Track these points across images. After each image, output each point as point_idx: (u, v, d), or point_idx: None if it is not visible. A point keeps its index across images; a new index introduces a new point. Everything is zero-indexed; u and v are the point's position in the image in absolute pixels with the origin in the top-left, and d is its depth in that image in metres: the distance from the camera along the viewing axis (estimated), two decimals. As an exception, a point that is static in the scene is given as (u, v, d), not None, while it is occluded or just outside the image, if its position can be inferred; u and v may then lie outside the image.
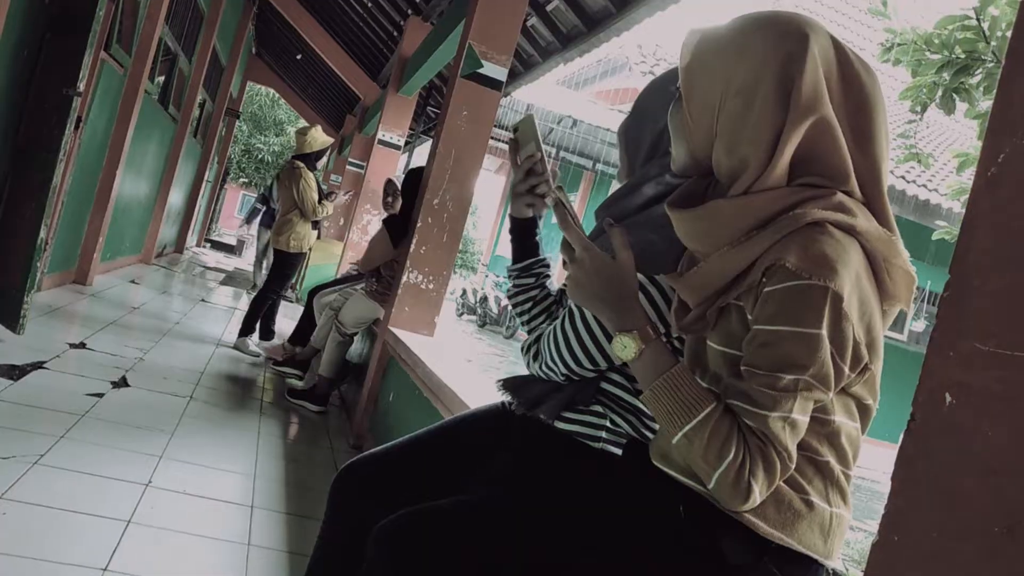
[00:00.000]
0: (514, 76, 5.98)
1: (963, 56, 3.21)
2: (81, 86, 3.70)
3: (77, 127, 5.11)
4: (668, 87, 1.24)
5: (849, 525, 0.96)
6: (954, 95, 3.40)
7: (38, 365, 3.43)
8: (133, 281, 7.22)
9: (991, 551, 0.62)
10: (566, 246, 1.04)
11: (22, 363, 3.38)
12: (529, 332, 1.45)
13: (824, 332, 0.84)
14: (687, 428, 0.89)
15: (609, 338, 1.14)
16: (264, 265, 8.15)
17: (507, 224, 1.52)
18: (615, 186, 1.41)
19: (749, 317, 0.91)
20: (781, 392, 0.85)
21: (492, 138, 13.71)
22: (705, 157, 1.00)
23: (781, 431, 0.86)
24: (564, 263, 1.06)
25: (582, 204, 15.24)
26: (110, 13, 5.05)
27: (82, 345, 4.07)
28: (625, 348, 0.96)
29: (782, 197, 0.91)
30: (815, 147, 0.92)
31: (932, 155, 5.41)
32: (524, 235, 1.47)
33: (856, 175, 0.94)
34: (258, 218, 9.83)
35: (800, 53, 0.92)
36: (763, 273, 0.88)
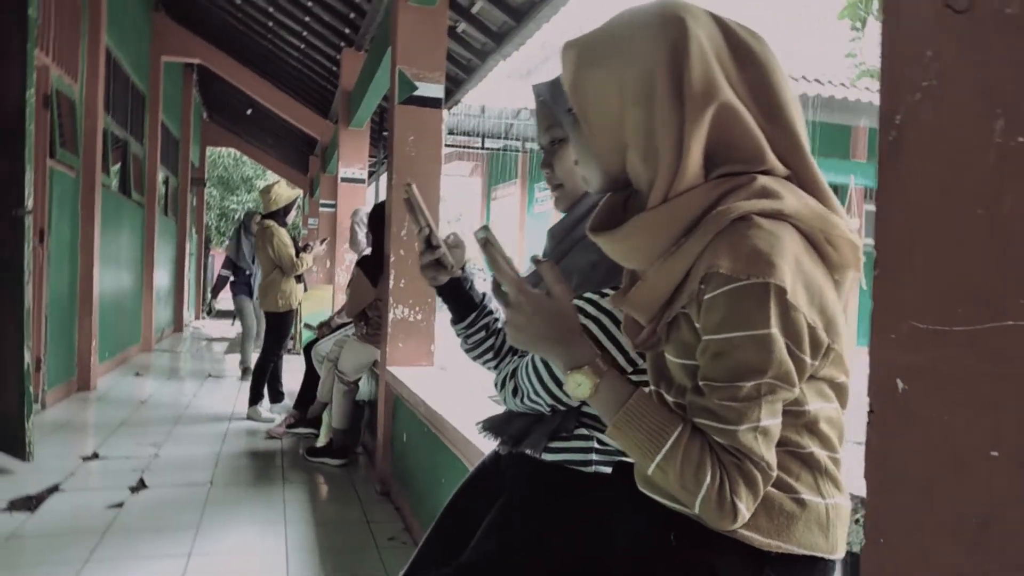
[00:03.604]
0: (458, 84, 5.93)
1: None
2: (30, 203, 3.67)
3: (42, 240, 5.10)
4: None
5: (849, 511, 0.93)
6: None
7: (54, 489, 3.41)
8: (137, 373, 7.20)
9: (971, 545, 0.58)
10: (498, 289, 1.00)
11: (37, 491, 3.35)
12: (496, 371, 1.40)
13: (775, 330, 0.80)
14: (659, 459, 0.85)
15: None
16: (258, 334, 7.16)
17: (495, 223, 1.46)
18: None
19: (697, 326, 0.87)
20: (744, 402, 0.81)
21: (454, 146, 13.59)
22: (619, 172, 0.95)
23: (754, 442, 0.82)
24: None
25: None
26: (45, 121, 5.02)
27: (95, 456, 4.05)
28: (580, 386, 0.92)
29: (702, 195, 0.87)
30: (723, 135, 0.88)
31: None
32: (454, 295, 1.41)
33: (773, 149, 0.90)
34: (226, 286, 7.86)
35: (682, 41, 0.87)
36: (700, 280, 0.84)
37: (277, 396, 5.54)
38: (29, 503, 3.20)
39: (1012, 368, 0.56)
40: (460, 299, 1.40)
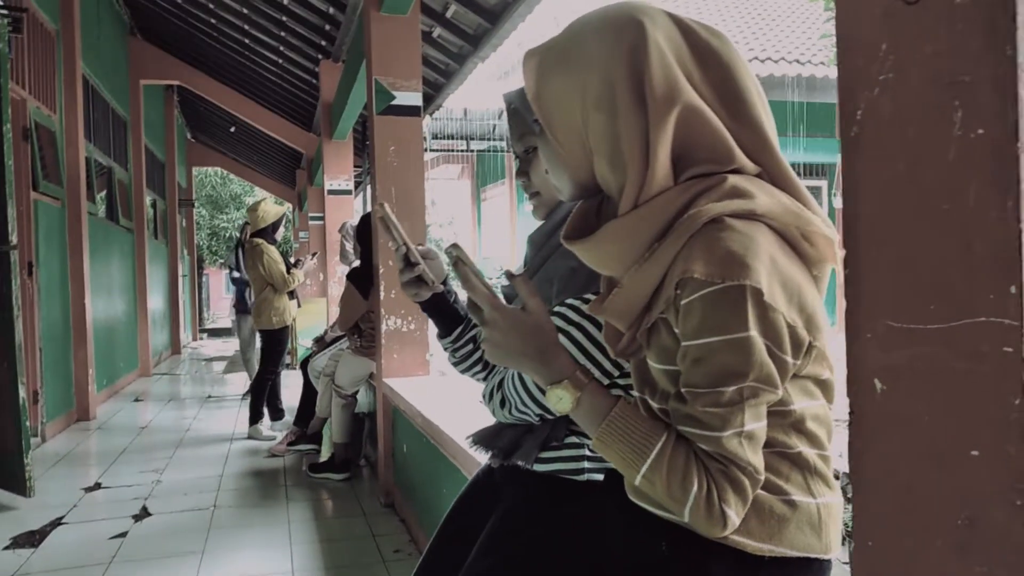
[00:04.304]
0: (437, 89, 5.92)
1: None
2: (14, 238, 3.65)
3: (31, 273, 5.08)
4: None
5: (842, 508, 0.92)
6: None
7: (57, 523, 3.39)
8: (137, 399, 7.18)
9: (959, 545, 0.57)
10: (474, 307, 0.99)
11: (40, 525, 3.34)
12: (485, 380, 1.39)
13: (753, 332, 0.79)
14: (644, 469, 0.84)
15: None
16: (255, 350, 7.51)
17: (486, 226, 1.44)
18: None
19: (676, 330, 0.86)
20: (727, 407, 0.80)
21: (441, 150, 13.54)
22: (589, 179, 0.94)
23: (739, 447, 0.80)
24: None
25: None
26: (26, 154, 4.99)
27: (97, 486, 4.03)
28: (561, 400, 0.91)
29: (673, 199, 0.85)
30: (689, 136, 0.86)
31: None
32: (438, 309, 1.39)
33: (742, 147, 0.88)
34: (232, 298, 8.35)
35: (641, 44, 0.86)
36: (676, 286, 0.83)
37: (277, 413, 5.52)
38: (32, 538, 3.19)
39: (986, 365, 0.55)
40: (445, 313, 1.39)
